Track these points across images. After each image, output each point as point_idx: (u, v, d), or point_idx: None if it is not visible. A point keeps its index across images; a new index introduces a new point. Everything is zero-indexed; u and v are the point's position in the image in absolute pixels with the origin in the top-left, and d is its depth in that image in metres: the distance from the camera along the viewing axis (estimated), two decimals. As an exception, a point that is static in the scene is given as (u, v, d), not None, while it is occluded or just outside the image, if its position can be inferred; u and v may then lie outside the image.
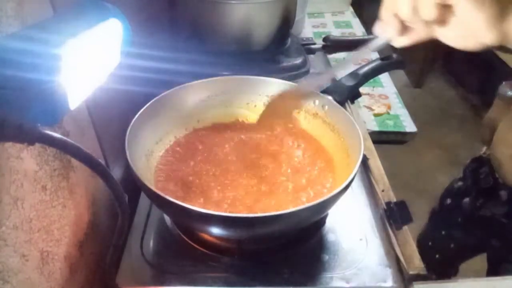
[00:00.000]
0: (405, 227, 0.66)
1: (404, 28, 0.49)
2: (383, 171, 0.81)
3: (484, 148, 0.91)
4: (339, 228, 0.65)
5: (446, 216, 1.02)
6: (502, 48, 0.46)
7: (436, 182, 1.57)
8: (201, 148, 0.71)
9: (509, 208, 0.85)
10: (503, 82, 0.88)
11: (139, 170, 0.57)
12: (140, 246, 0.62)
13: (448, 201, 1.02)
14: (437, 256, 1.03)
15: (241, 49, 0.91)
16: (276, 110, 0.65)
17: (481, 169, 0.92)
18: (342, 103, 0.87)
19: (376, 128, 1.36)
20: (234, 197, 0.61)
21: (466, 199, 0.94)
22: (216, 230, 0.56)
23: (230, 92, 0.78)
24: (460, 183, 1.00)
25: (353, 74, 0.92)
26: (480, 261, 1.00)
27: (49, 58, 0.35)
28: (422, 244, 1.06)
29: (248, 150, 0.71)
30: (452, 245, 1.00)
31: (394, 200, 0.71)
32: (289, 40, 1.00)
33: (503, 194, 0.85)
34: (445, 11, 0.44)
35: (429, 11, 0.43)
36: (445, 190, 1.05)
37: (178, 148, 0.71)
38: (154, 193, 0.52)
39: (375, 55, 1.44)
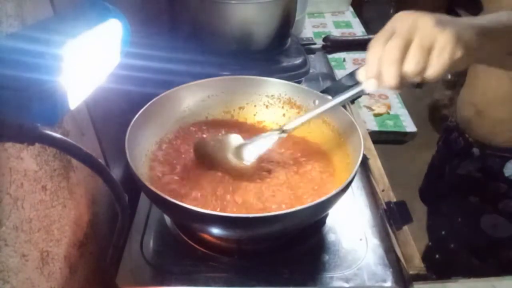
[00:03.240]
0: (405, 227, 0.66)
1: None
2: (383, 171, 0.81)
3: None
4: (339, 228, 0.65)
5: (433, 191, 1.06)
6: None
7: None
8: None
9: (482, 162, 0.89)
10: None
11: (139, 170, 0.57)
12: (140, 246, 0.62)
13: (432, 175, 1.07)
14: (437, 256, 1.04)
15: (241, 49, 0.91)
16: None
17: (450, 136, 0.98)
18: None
19: (376, 128, 1.36)
20: (234, 197, 0.61)
21: (446, 168, 0.99)
22: (216, 230, 0.56)
23: (230, 92, 0.78)
24: (436, 156, 1.06)
25: (353, 74, 0.92)
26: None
27: (49, 58, 0.35)
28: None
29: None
30: (452, 245, 1.00)
31: (394, 200, 0.72)
32: (289, 40, 0.99)
33: (475, 150, 0.90)
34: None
35: (393, 80, 0.47)
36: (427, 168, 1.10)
37: (178, 148, 0.71)
38: (154, 193, 0.52)
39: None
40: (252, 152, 0.64)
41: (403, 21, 0.47)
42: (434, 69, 0.45)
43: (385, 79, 0.47)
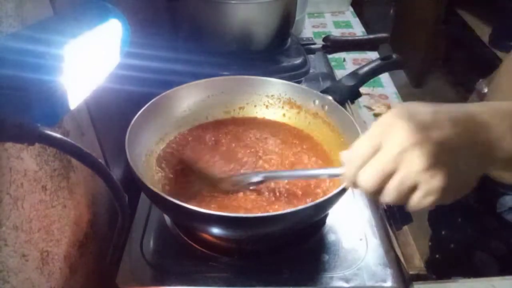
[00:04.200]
0: (405, 227, 0.66)
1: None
2: (383, 171, 0.80)
3: None
4: (339, 228, 0.65)
5: (444, 215, 1.02)
6: None
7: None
8: (201, 148, 0.71)
9: (479, 193, 0.85)
10: (480, 80, 0.88)
11: (139, 170, 0.57)
12: (140, 246, 0.62)
13: None
14: (437, 256, 1.04)
15: (241, 49, 0.91)
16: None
17: None
18: (342, 103, 0.87)
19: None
20: (234, 197, 0.61)
21: None
22: (216, 230, 0.56)
23: (230, 92, 0.78)
24: None
25: (353, 74, 0.92)
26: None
27: (49, 58, 0.35)
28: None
29: (248, 151, 0.71)
30: (452, 245, 1.00)
31: (394, 200, 0.71)
32: (289, 40, 0.99)
33: None
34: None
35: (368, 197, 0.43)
36: None
37: (178, 148, 0.71)
38: (154, 193, 0.52)
39: (375, 55, 1.44)
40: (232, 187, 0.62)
41: (390, 143, 0.38)
42: (412, 207, 0.39)
43: (360, 189, 0.42)
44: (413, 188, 0.38)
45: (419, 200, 0.38)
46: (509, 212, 0.79)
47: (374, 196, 0.41)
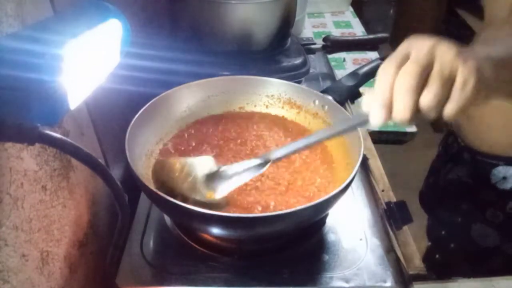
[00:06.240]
0: (405, 227, 0.66)
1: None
2: (383, 171, 0.81)
3: None
4: (339, 228, 0.65)
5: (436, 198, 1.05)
6: None
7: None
8: (201, 148, 0.71)
9: (473, 168, 0.88)
10: None
11: (139, 170, 0.57)
12: (140, 246, 0.62)
13: (430, 179, 1.06)
14: (437, 256, 1.04)
15: (241, 49, 0.91)
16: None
17: (448, 140, 0.97)
18: (342, 103, 0.87)
19: (376, 128, 1.36)
20: (234, 198, 0.61)
21: (441, 172, 0.99)
22: (216, 230, 0.56)
23: (230, 92, 0.78)
24: (435, 159, 1.05)
25: (353, 74, 0.92)
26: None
27: (49, 58, 0.35)
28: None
29: (248, 151, 0.71)
30: (452, 245, 1.00)
31: (394, 200, 0.72)
32: (289, 40, 1.00)
33: (466, 156, 0.89)
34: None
35: (406, 112, 0.40)
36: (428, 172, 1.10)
37: (178, 148, 0.71)
38: (154, 193, 0.52)
39: (375, 55, 1.44)
40: (225, 185, 0.55)
41: (419, 45, 0.40)
42: (455, 104, 0.39)
43: (397, 111, 0.40)
44: (452, 79, 0.39)
45: (460, 90, 0.39)
46: (503, 181, 0.82)
47: (414, 99, 0.39)
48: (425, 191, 1.09)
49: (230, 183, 0.56)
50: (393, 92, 0.40)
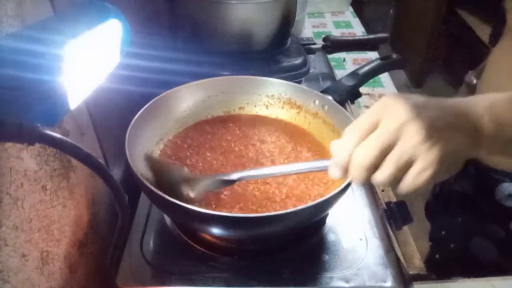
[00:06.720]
0: (405, 227, 0.66)
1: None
2: (383, 171, 0.80)
3: None
4: (339, 228, 0.65)
5: (441, 209, 1.04)
6: None
7: (436, 182, 1.57)
8: (201, 148, 0.71)
9: (477, 181, 0.87)
10: (469, 71, 0.89)
11: (139, 170, 0.57)
12: (140, 246, 0.62)
13: (436, 189, 1.05)
14: (437, 256, 1.04)
15: (241, 49, 0.91)
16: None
17: None
18: (342, 103, 0.87)
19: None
20: (234, 198, 0.61)
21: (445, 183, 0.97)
22: (216, 230, 0.56)
23: (230, 92, 0.78)
24: None
25: (353, 74, 0.92)
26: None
27: (49, 58, 0.35)
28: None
29: (248, 151, 0.71)
30: (452, 245, 1.00)
31: (394, 200, 0.72)
32: (289, 40, 0.99)
33: (471, 168, 0.88)
34: None
35: (359, 181, 0.41)
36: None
37: (178, 148, 0.71)
38: (154, 193, 0.52)
39: (375, 55, 1.44)
40: (197, 190, 0.58)
41: (390, 118, 0.39)
42: (406, 186, 0.40)
43: (351, 177, 0.42)
44: (409, 164, 0.38)
45: (415, 176, 0.38)
46: (508, 198, 0.81)
47: (367, 175, 0.40)
48: (431, 201, 1.08)
49: (200, 190, 0.58)
50: (350, 162, 0.41)
